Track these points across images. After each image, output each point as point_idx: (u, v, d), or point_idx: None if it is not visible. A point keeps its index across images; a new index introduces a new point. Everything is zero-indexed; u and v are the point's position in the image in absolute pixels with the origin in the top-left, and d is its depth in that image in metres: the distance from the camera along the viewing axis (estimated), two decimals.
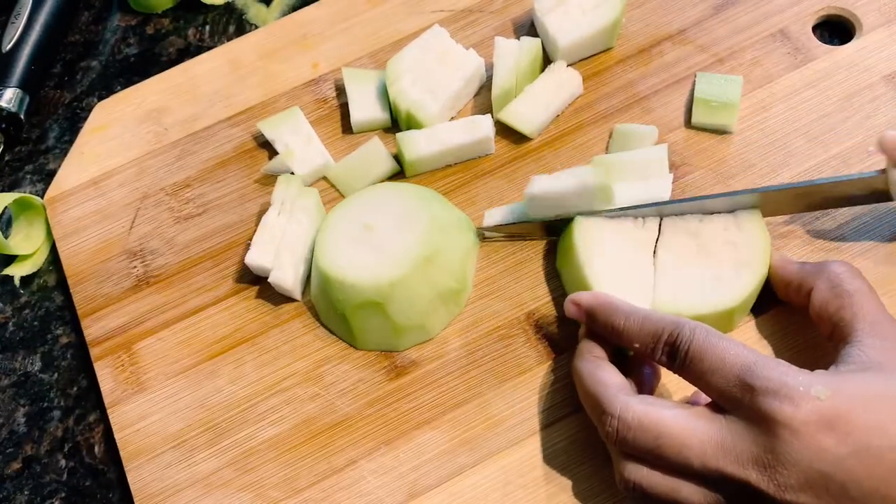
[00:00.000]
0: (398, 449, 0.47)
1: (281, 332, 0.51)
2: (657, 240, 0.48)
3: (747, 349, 0.38)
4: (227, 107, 0.59)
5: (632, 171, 0.51)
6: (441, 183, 0.54)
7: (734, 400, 0.37)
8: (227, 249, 0.54)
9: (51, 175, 0.60)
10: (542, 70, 0.56)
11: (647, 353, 0.41)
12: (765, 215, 0.48)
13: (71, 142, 0.61)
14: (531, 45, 0.56)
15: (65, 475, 0.51)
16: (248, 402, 0.49)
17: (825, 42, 0.56)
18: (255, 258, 0.50)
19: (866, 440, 0.35)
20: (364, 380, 0.49)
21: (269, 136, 0.56)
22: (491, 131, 0.54)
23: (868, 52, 0.54)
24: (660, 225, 0.48)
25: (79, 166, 0.58)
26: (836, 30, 0.57)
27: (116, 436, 0.49)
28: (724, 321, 0.46)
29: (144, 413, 0.50)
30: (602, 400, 0.40)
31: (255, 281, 0.53)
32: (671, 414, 0.38)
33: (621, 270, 0.47)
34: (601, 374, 0.41)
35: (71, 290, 0.54)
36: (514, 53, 0.55)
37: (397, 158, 0.55)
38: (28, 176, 0.61)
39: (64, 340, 0.55)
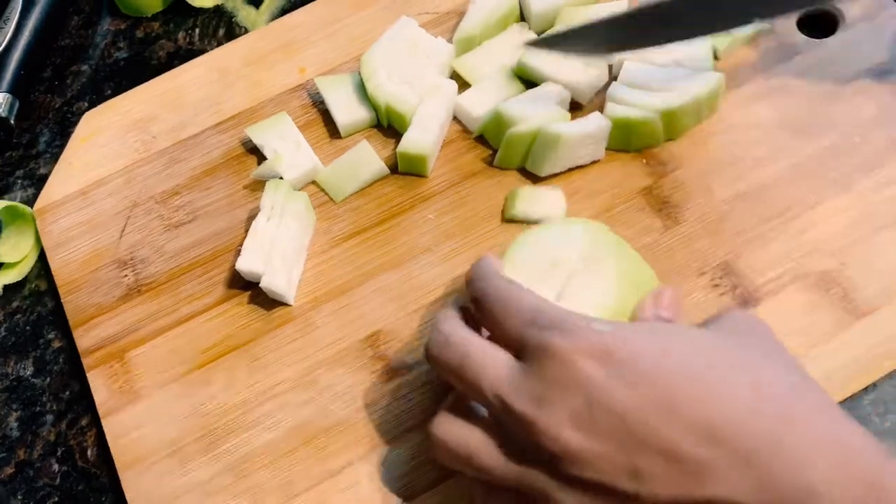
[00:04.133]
0: (393, 451, 0.47)
1: (273, 337, 0.51)
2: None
3: (540, 297, 0.38)
4: (214, 114, 0.59)
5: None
6: (434, 183, 0.54)
7: (523, 339, 0.37)
8: (217, 256, 0.54)
9: (42, 180, 0.60)
10: None
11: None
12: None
13: (61, 146, 0.61)
14: (508, 1, 0.57)
15: (58, 479, 0.50)
16: (243, 408, 0.49)
17: (809, 36, 0.56)
18: (246, 264, 0.50)
19: (637, 369, 0.34)
20: (358, 383, 0.49)
21: (257, 141, 0.56)
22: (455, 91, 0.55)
23: (851, 45, 0.55)
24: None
25: (67, 176, 0.58)
26: (819, 23, 0.57)
27: (111, 445, 0.49)
28: None
29: (139, 422, 0.49)
30: (438, 318, 0.40)
31: (246, 287, 0.53)
32: (480, 340, 0.38)
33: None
34: (450, 312, 0.42)
35: (62, 301, 0.54)
36: (489, 5, 0.57)
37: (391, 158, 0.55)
38: (18, 181, 0.61)
39: (56, 345, 0.54)
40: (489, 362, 0.37)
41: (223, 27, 0.65)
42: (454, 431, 0.38)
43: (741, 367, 0.35)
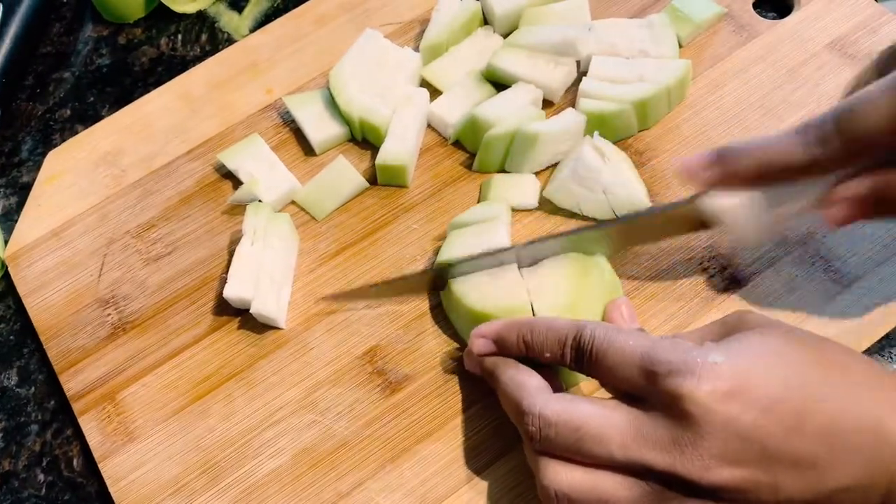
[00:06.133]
0: (403, 465, 0.46)
1: (268, 362, 0.50)
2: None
3: (644, 337, 0.38)
4: (184, 142, 0.58)
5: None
6: (415, 193, 0.54)
7: (642, 389, 0.37)
8: (202, 285, 0.53)
9: (24, 188, 0.59)
10: None
11: (558, 360, 0.41)
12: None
13: (44, 154, 0.60)
14: (470, 6, 0.57)
15: (43, 489, 0.49)
16: (244, 438, 0.48)
17: (765, 17, 0.57)
18: (233, 290, 0.49)
19: (766, 395, 0.35)
20: (359, 400, 0.48)
21: (230, 166, 0.55)
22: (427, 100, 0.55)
23: (808, 22, 0.56)
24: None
25: (37, 219, 0.57)
26: (774, 5, 0.58)
27: (111, 489, 0.47)
28: None
29: (138, 463, 0.48)
30: (522, 401, 0.40)
31: (234, 314, 0.52)
32: (589, 407, 0.38)
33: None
34: (520, 377, 0.41)
35: (45, 347, 0.52)
36: (452, 11, 0.57)
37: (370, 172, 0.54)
38: (1, 189, 0.60)
39: (40, 354, 0.53)
40: (607, 427, 0.37)
41: (206, 33, 0.64)
42: (577, 480, 0.38)
43: (826, 370, 0.37)
